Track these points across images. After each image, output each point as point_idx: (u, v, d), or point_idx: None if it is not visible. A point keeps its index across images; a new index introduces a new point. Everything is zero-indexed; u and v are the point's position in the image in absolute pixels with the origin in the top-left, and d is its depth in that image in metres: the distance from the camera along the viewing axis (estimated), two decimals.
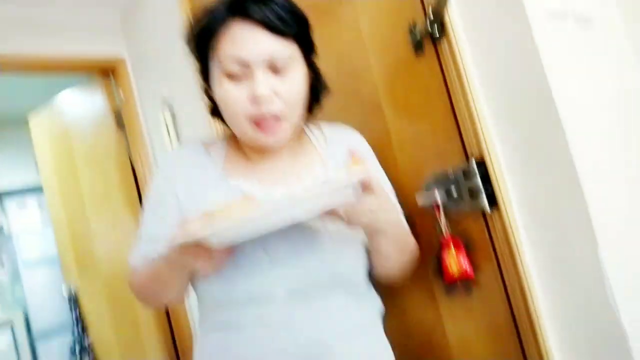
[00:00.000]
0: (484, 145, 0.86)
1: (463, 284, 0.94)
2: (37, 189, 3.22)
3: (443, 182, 0.93)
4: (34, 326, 3.13)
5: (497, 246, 0.89)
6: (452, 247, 0.91)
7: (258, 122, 0.69)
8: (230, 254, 0.68)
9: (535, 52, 0.78)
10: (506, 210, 0.86)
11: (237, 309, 0.73)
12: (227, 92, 0.69)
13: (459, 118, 0.89)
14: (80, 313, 2.79)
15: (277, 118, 0.69)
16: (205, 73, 0.75)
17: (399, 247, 0.81)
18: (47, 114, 2.49)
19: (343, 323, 0.75)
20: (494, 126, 0.87)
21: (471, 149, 0.89)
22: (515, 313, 0.88)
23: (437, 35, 0.87)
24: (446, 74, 0.89)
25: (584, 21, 0.93)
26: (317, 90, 0.80)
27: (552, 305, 0.84)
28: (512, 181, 0.86)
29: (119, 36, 2.30)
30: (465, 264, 0.90)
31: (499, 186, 0.86)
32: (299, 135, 0.84)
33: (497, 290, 0.90)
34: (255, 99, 0.67)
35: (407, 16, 0.94)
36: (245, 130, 0.71)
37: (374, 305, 0.86)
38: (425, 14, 0.89)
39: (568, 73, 0.83)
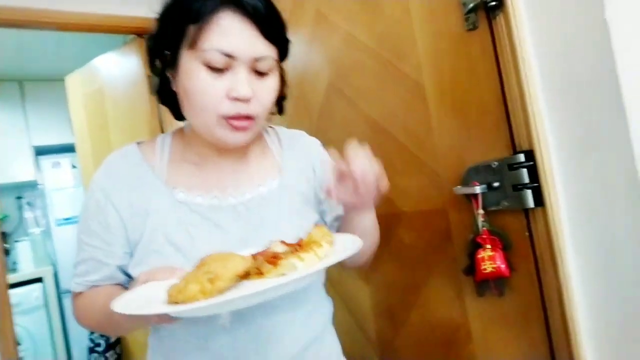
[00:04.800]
0: (534, 135, 0.78)
1: (496, 284, 0.87)
2: (70, 149, 3.30)
3: (485, 173, 0.85)
4: (62, 282, 3.25)
5: (537, 247, 0.82)
6: (489, 244, 0.84)
7: (229, 120, 0.64)
8: None
9: (606, 34, 0.68)
10: (552, 209, 0.78)
11: (182, 330, 0.68)
12: (204, 84, 0.62)
13: (509, 103, 0.81)
14: None
15: (250, 118, 0.65)
16: (168, 55, 0.66)
17: (376, 227, 0.79)
18: (84, 75, 2.51)
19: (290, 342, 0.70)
20: (548, 115, 0.78)
21: (520, 139, 0.80)
22: (550, 322, 0.81)
23: (494, 3, 0.78)
24: (499, 52, 0.80)
25: None
26: (282, 96, 0.76)
27: (592, 318, 0.76)
28: (562, 178, 0.78)
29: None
30: (501, 263, 0.83)
31: (546, 182, 0.78)
32: (256, 137, 0.79)
33: (532, 295, 0.83)
34: (235, 98, 0.62)
35: None
36: (212, 127, 0.65)
37: (326, 312, 0.80)
38: None
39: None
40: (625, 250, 0.70)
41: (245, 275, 0.52)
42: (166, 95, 0.71)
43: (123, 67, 2.34)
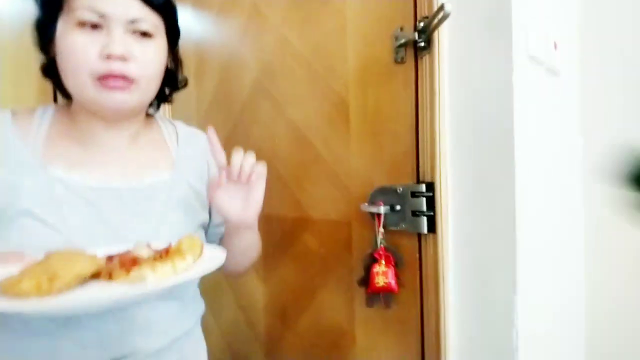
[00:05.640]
0: (437, 170, 0.86)
1: (384, 298, 0.94)
2: None
3: (390, 196, 0.92)
4: None
5: (424, 269, 0.91)
6: (384, 260, 0.91)
7: (103, 80, 0.61)
8: None
9: (510, 92, 0.78)
10: (441, 238, 0.87)
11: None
12: (75, 42, 0.60)
13: (420, 137, 0.88)
14: None
15: (127, 79, 0.62)
16: (48, 26, 0.65)
17: (256, 244, 0.83)
18: None
19: (163, 334, 0.69)
20: (451, 154, 0.87)
21: (424, 170, 0.88)
22: (425, 337, 0.90)
23: (423, 44, 0.85)
24: (420, 88, 0.87)
25: (553, 73, 0.96)
26: (174, 79, 0.76)
27: (461, 337, 0.87)
28: (454, 211, 0.87)
29: None
30: (392, 279, 0.91)
31: (441, 213, 0.87)
32: (149, 124, 0.77)
33: (414, 311, 0.92)
34: (108, 56, 0.60)
35: (395, 20, 0.90)
36: (86, 89, 0.62)
37: (197, 311, 0.80)
38: (415, 22, 0.86)
39: (533, 121, 0.85)
40: (497, 287, 0.81)
41: (96, 276, 0.50)
42: (52, 73, 0.67)
43: (17, 4, 2.03)
